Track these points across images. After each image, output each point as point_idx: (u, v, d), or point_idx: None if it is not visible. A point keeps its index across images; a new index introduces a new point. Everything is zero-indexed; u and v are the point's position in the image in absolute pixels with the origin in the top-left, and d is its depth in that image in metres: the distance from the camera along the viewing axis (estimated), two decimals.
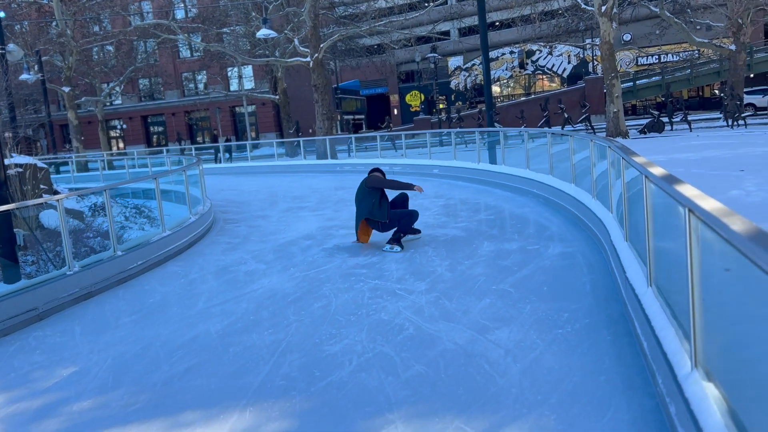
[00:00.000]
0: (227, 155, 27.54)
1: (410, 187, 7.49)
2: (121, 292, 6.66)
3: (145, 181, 10.79)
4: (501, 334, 4.32)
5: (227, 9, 31.81)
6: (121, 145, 56.91)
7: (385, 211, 7.44)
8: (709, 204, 2.31)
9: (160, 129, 56.67)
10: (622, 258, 4.66)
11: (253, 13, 29.90)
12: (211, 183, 19.44)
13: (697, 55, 41.87)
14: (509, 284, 5.54)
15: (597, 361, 3.77)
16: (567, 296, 5.05)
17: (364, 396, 3.59)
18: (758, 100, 34.06)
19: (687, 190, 2.63)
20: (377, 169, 7.84)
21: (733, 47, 29.22)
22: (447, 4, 47.76)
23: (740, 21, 28.76)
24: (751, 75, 37.54)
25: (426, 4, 26.48)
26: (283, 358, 4.26)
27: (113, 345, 4.92)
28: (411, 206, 7.99)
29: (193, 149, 28.76)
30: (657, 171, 3.30)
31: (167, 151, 31.93)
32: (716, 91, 41.37)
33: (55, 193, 14.25)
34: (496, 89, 50.29)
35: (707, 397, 2.44)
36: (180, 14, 42.31)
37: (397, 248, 7.30)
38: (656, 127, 25.63)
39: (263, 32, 18.88)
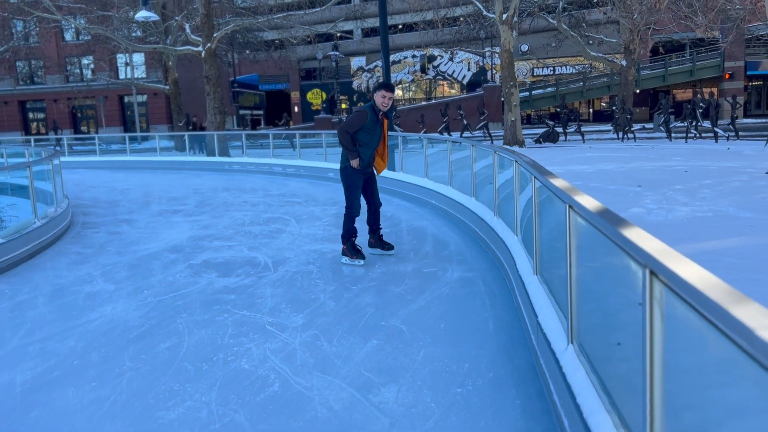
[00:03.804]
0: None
1: (351, 153, 6.65)
2: None
3: None
4: (387, 394, 3.45)
5: None
6: None
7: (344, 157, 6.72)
8: (685, 269, 1.53)
9: (41, 116, 52.35)
10: (532, 297, 3.92)
11: None
12: (84, 179, 17.65)
13: (590, 69, 43.39)
14: (401, 319, 4.70)
15: None
16: (467, 338, 4.27)
17: None
18: None
19: (644, 240, 1.84)
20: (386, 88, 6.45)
21: (624, 63, 30.24)
22: (350, 3, 47.02)
23: (632, 38, 29.81)
24: (638, 90, 39.29)
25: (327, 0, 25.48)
26: (99, 429, 3.20)
27: None
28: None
29: (64, 140, 26.13)
30: (590, 203, 2.54)
31: (35, 141, 29.02)
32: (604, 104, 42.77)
33: None
34: (398, 92, 50.05)
35: None
36: None
37: (358, 261, 6.39)
38: (551, 137, 26.04)
39: (142, 14, 17.24)
